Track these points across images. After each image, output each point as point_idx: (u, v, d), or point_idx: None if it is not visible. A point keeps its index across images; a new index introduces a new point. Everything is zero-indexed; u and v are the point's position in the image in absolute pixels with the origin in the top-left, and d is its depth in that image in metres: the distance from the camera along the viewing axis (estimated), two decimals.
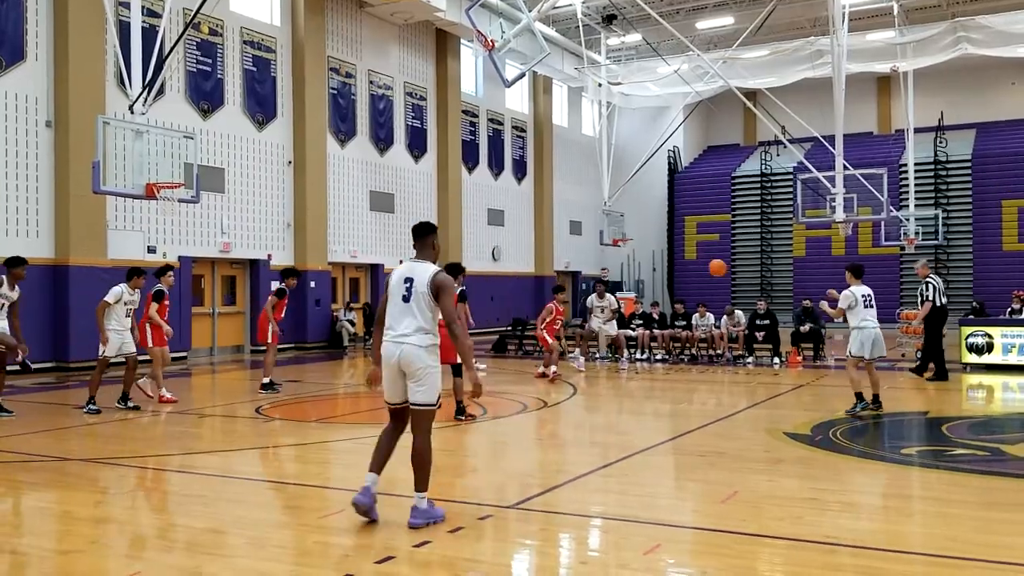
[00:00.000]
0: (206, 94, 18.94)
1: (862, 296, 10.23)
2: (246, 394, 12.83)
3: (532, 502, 6.11)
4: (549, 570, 4.94)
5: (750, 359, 16.72)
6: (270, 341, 12.36)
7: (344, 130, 22.73)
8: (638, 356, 17.65)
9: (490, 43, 16.38)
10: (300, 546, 5.20)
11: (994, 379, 13.99)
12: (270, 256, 20.45)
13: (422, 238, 5.68)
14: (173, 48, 14.52)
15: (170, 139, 13.05)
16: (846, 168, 19.61)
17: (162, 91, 17.00)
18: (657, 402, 12.58)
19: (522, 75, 19.46)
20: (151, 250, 17.60)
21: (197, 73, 18.72)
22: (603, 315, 17.04)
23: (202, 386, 14.53)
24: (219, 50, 19.24)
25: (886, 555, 4.81)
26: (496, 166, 29.56)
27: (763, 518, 5.66)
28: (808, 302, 17.04)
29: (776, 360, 16.50)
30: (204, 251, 18.92)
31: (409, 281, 5.48)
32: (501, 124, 29.90)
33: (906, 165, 27.97)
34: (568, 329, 17.46)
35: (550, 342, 14.48)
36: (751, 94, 28.13)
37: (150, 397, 11.31)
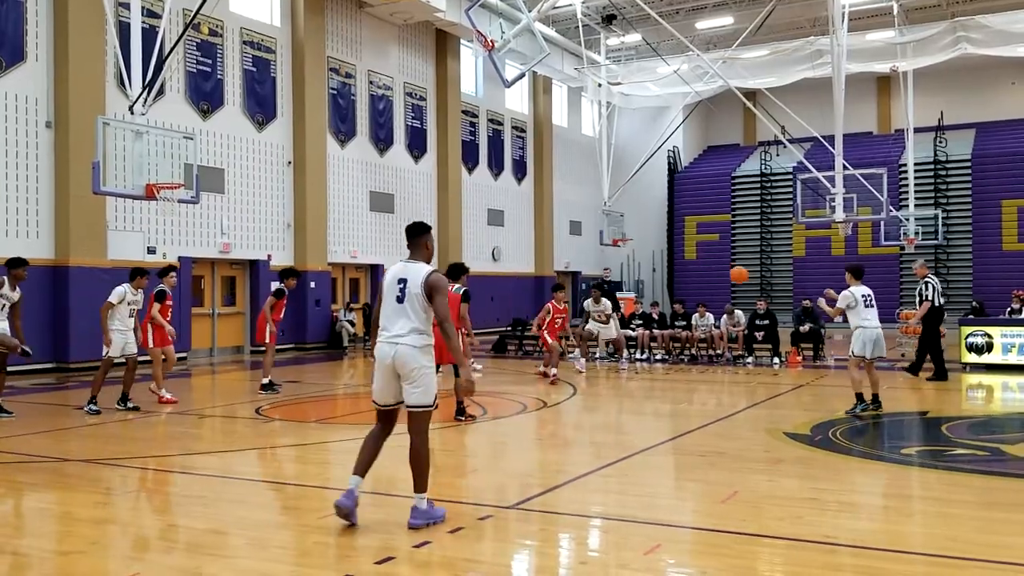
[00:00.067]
0: (206, 94, 18.94)
1: (862, 296, 10.22)
2: (246, 395, 12.84)
3: (532, 502, 6.11)
4: (549, 570, 4.94)
5: (750, 359, 16.72)
6: (268, 342, 12.38)
7: (344, 130, 22.73)
8: (638, 356, 17.66)
9: (490, 43, 16.39)
10: (300, 546, 5.20)
11: (994, 379, 13.98)
12: (270, 256, 20.45)
13: (415, 238, 5.66)
14: (173, 49, 14.53)
15: (170, 139, 13.06)
16: (846, 168, 19.62)
17: (162, 92, 17.00)
18: (657, 402, 12.57)
19: (522, 75, 19.46)
20: (151, 251, 17.60)
21: (197, 73, 18.72)
22: (600, 319, 17.07)
23: (202, 387, 14.53)
24: (219, 50, 19.24)
25: (886, 555, 4.82)
26: (496, 166, 29.56)
27: (763, 518, 5.66)
28: (808, 302, 17.03)
29: (776, 360, 16.50)
30: (204, 252, 18.92)
31: (403, 282, 5.46)
32: (501, 124, 29.90)
33: (906, 165, 27.98)
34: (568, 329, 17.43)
35: (550, 343, 14.48)
36: (751, 94, 28.12)
37: (171, 401, 11.32)
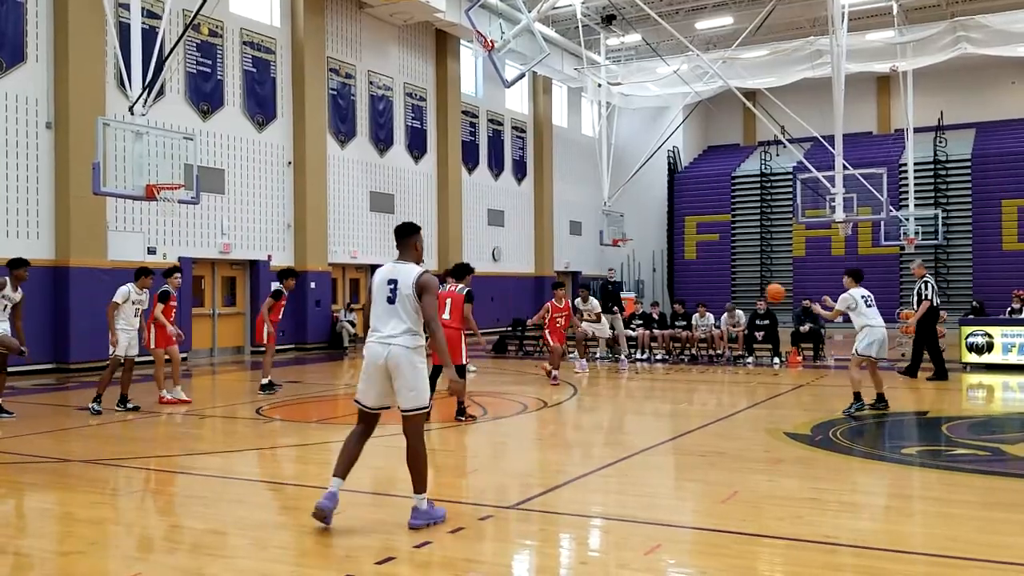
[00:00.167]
0: (206, 95, 18.94)
1: (861, 297, 10.24)
2: (246, 395, 12.84)
3: (533, 502, 6.11)
4: (549, 570, 4.94)
5: (750, 359, 16.72)
6: (267, 342, 12.39)
7: (344, 131, 22.74)
8: (638, 356, 17.67)
9: (490, 43, 16.39)
10: (300, 547, 5.20)
11: (994, 379, 13.98)
12: (270, 257, 20.45)
13: (404, 239, 5.65)
14: (173, 49, 14.53)
15: (170, 140, 13.08)
16: (846, 168, 19.62)
17: (162, 92, 17.00)
18: (657, 402, 12.58)
19: (522, 75, 19.47)
20: (151, 251, 17.60)
21: (197, 74, 18.73)
22: (590, 317, 17.06)
23: (202, 387, 14.51)
24: (219, 51, 19.24)
25: (887, 555, 4.82)
26: (496, 166, 29.57)
27: (763, 518, 5.66)
28: (808, 302, 17.03)
29: (776, 360, 16.50)
30: (204, 252, 18.92)
31: (393, 283, 5.45)
32: (501, 124, 29.90)
33: (906, 165, 27.99)
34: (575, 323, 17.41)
35: (552, 343, 14.46)
36: (751, 94, 28.14)
37: (173, 401, 11.33)
